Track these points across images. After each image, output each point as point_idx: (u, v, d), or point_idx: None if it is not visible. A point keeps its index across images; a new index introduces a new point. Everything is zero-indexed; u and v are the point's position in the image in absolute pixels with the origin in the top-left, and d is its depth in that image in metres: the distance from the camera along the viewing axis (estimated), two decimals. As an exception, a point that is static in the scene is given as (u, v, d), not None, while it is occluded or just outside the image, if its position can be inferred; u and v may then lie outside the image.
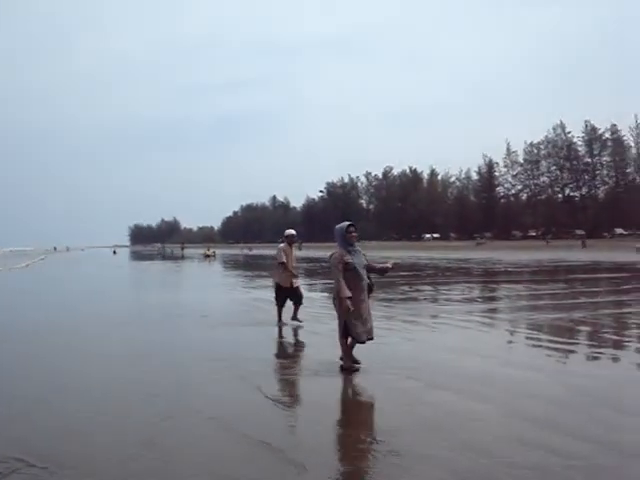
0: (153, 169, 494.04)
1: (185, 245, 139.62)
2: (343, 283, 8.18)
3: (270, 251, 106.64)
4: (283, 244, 13.39)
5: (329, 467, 5.01)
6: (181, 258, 78.88)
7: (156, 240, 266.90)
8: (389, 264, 8.86)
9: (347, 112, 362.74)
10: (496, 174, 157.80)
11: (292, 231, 13.69)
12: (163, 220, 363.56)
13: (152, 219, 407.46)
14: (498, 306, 16.70)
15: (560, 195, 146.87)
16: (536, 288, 21.92)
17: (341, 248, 8.45)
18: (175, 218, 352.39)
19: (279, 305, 13.38)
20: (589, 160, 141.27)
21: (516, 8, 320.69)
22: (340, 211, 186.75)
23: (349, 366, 8.37)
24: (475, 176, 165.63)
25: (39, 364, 9.43)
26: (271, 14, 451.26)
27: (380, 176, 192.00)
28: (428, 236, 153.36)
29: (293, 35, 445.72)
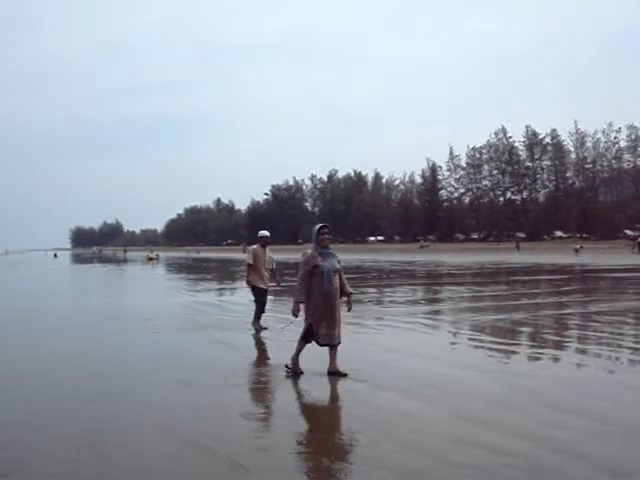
0: (95, 170, 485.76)
1: (128, 248, 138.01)
2: (302, 287, 8.11)
3: (216, 254, 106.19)
4: (255, 245, 13.10)
5: (272, 469, 5.03)
6: (124, 261, 77.84)
7: (97, 243, 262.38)
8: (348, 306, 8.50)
9: (293, 114, 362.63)
10: (439, 178, 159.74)
11: (265, 232, 13.28)
12: (105, 222, 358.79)
13: (94, 221, 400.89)
14: (441, 308, 16.90)
15: (502, 198, 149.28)
16: (478, 290, 22.24)
17: (313, 250, 8.29)
18: (118, 220, 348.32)
19: (257, 307, 12.95)
20: (530, 164, 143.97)
21: (456, 12, 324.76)
22: (285, 214, 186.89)
23: (294, 367, 8.34)
24: (419, 180, 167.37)
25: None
26: (211, 15, 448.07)
27: (325, 179, 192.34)
28: (372, 239, 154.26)
29: (239, 36, 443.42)
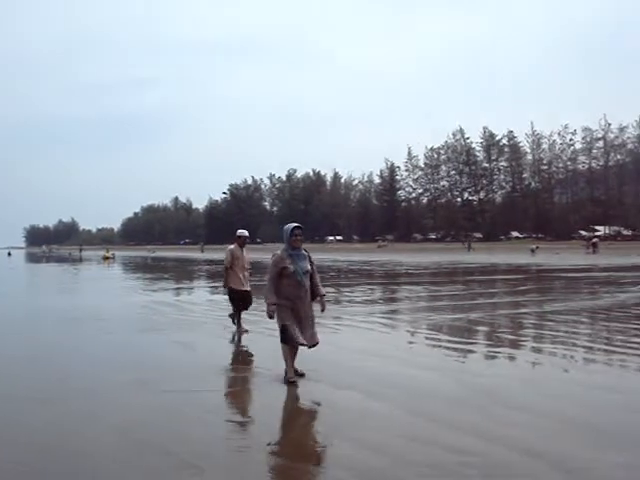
0: (50, 168, 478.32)
1: (84, 247, 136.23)
2: (272, 288, 7.86)
3: (174, 253, 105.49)
4: (233, 245, 12.55)
5: (228, 469, 4.99)
6: (79, 260, 76.80)
7: (51, 242, 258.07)
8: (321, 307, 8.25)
9: (251, 113, 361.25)
10: (398, 178, 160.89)
11: (244, 232, 12.74)
12: (61, 221, 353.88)
13: (49, 220, 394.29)
14: (399, 307, 16.97)
15: (459, 199, 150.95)
16: (435, 289, 22.38)
17: (283, 250, 8.00)
18: (73, 219, 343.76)
19: (235, 310, 12.46)
20: (487, 165, 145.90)
21: (411, 13, 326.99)
22: (243, 213, 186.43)
23: (289, 377, 7.90)
24: (377, 180, 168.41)
25: None
26: (169, 12, 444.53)
27: (284, 178, 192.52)
28: (331, 238, 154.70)
29: (197, 33, 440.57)
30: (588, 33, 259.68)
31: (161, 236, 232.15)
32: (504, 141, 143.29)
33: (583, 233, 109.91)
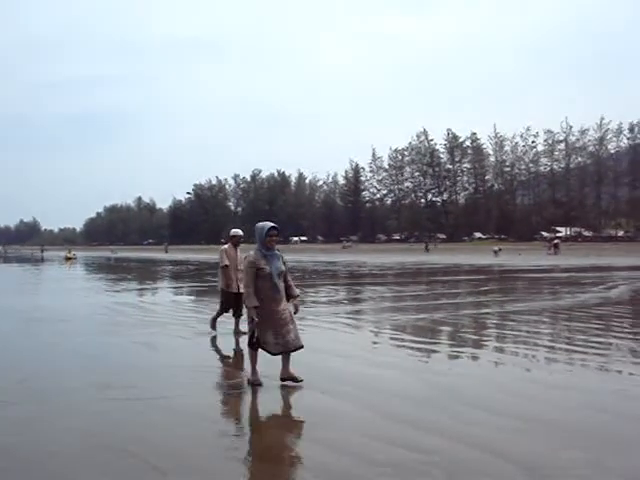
0: (10, 168, 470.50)
1: (45, 247, 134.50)
2: (252, 291, 7.49)
3: (137, 253, 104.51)
4: (226, 245, 12.09)
5: (189, 471, 4.94)
6: (41, 261, 75.74)
7: (10, 242, 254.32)
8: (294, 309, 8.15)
9: (217, 113, 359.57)
10: (362, 179, 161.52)
11: (238, 231, 12.26)
12: (22, 221, 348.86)
13: (10, 220, 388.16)
14: (363, 308, 16.99)
15: (423, 200, 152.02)
16: (399, 290, 22.47)
17: (257, 251, 7.70)
18: (35, 219, 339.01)
19: (221, 311, 12.11)
20: (450, 167, 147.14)
21: (378, 15, 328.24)
22: (208, 213, 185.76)
23: (254, 379, 7.76)
24: (342, 180, 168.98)
25: None
26: (134, 11, 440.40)
27: (248, 179, 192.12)
28: (295, 239, 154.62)
29: (164, 32, 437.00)
30: (549, 37, 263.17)
31: (124, 236, 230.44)
32: (467, 143, 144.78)
33: (545, 234, 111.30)
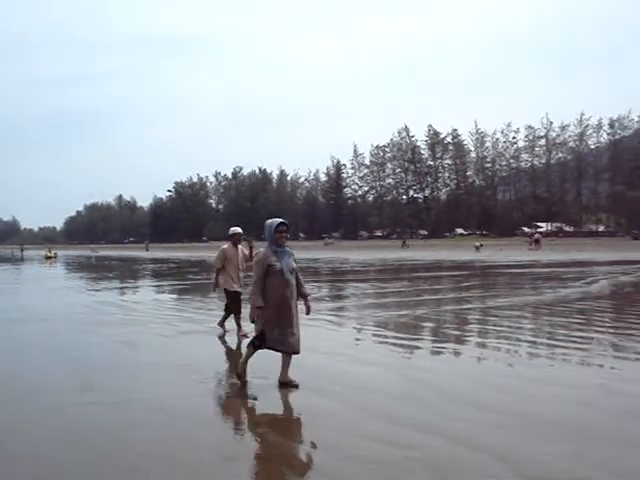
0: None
1: (25, 247, 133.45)
2: (259, 290, 7.32)
3: (118, 252, 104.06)
4: (226, 245, 11.80)
5: (175, 471, 4.92)
6: (21, 260, 75.17)
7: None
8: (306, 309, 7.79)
9: (197, 111, 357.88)
10: (344, 176, 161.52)
11: (237, 229, 11.85)
12: (1, 220, 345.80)
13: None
14: (345, 304, 16.99)
15: (405, 197, 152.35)
16: (381, 286, 22.50)
17: (267, 248, 7.53)
18: (14, 218, 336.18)
19: (227, 313, 11.81)
20: (432, 163, 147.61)
21: (361, 13, 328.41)
22: (189, 211, 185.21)
23: (241, 372, 7.69)
24: (324, 177, 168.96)
25: None
26: (115, 9, 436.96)
27: (230, 176, 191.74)
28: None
29: (144, 30, 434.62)
30: (531, 33, 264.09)
31: (105, 235, 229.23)
32: (448, 139, 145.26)
33: (526, 230, 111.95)
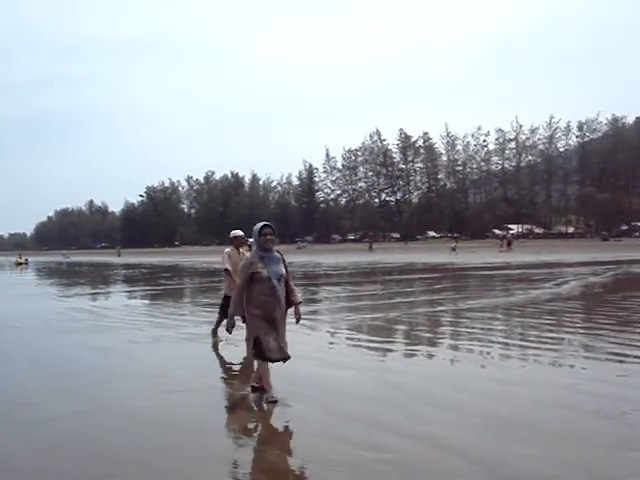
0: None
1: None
2: (237, 299, 6.98)
3: (90, 257, 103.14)
4: (229, 248, 11.31)
5: (150, 477, 4.90)
6: (-10, 266, 74.35)
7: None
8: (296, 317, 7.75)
9: (169, 115, 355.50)
10: (316, 179, 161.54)
11: (238, 232, 11.50)
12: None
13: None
14: (318, 308, 17.00)
15: (377, 200, 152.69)
16: (354, 290, 22.55)
17: (254, 253, 7.18)
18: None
19: (221, 317, 11.29)
20: (403, 166, 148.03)
21: (337, 17, 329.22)
22: (161, 216, 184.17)
23: (261, 385, 7.19)
24: (296, 181, 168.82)
25: None
26: (87, 12, 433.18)
27: (202, 180, 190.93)
28: (250, 240, 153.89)
29: (108, 35, 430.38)
30: (500, 37, 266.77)
31: (76, 240, 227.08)
32: (420, 143, 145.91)
33: (497, 232, 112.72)
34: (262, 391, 7.15)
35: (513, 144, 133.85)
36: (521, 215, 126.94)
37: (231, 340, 10.72)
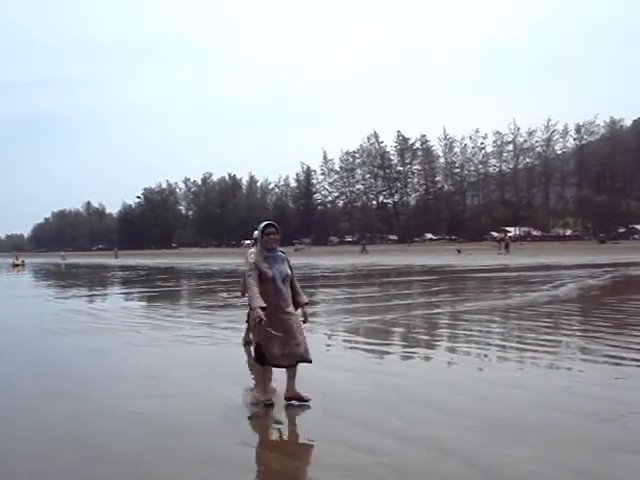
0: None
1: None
2: (255, 291, 6.63)
3: (87, 259, 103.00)
4: (254, 248, 11.25)
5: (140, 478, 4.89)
6: (-13, 269, 74.25)
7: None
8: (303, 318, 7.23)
9: (166, 116, 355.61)
10: (314, 181, 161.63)
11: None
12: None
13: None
14: (316, 310, 16.92)
15: (374, 202, 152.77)
16: (352, 292, 22.52)
17: (258, 252, 7.07)
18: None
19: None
20: (401, 168, 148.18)
21: (326, 17, 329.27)
22: (158, 218, 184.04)
23: (266, 399, 6.91)
24: (294, 183, 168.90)
25: None
26: (82, 14, 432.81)
27: (199, 182, 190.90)
28: (248, 242, 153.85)
29: (105, 35, 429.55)
30: (499, 38, 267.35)
31: (73, 242, 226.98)
32: (417, 145, 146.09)
33: (495, 234, 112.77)
34: (300, 400, 6.92)
35: (511, 146, 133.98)
36: (519, 217, 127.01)
37: (231, 340, 10.70)
